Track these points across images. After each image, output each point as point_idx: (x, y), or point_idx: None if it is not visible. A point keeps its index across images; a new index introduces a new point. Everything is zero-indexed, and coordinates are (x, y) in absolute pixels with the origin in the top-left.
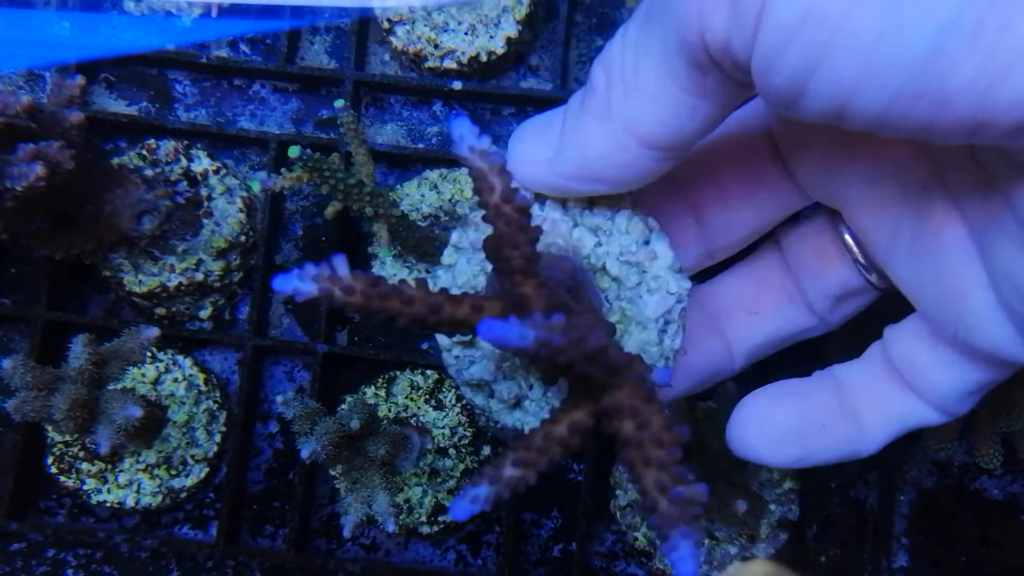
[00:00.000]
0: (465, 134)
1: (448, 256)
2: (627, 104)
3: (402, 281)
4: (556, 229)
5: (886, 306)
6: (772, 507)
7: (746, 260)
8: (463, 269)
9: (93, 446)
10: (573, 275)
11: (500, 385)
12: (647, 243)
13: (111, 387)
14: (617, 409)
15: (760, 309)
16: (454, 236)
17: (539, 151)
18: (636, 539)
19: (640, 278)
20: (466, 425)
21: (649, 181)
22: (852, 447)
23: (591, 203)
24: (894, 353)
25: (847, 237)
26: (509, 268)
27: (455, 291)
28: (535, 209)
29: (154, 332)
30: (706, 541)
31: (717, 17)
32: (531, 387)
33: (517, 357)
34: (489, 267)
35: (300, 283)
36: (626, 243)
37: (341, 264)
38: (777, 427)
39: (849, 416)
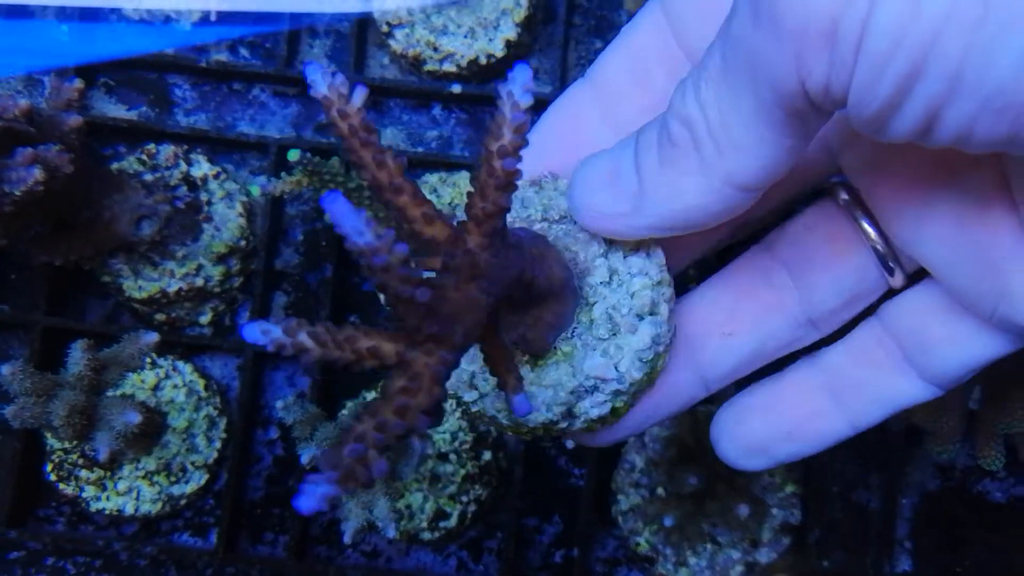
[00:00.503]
0: (318, 78)
1: None
2: (724, 159)
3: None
4: (574, 241)
5: None
6: (774, 511)
7: (719, 273)
8: None
9: (92, 453)
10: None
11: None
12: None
13: (110, 393)
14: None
15: (736, 328)
16: None
17: (614, 204)
18: (638, 544)
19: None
20: (467, 430)
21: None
22: (830, 438)
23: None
24: (897, 328)
25: (865, 224)
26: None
27: None
28: (545, 227)
29: (154, 338)
30: (708, 546)
31: (818, 64)
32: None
33: None
34: None
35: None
36: (631, 290)
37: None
38: (745, 440)
39: (828, 407)
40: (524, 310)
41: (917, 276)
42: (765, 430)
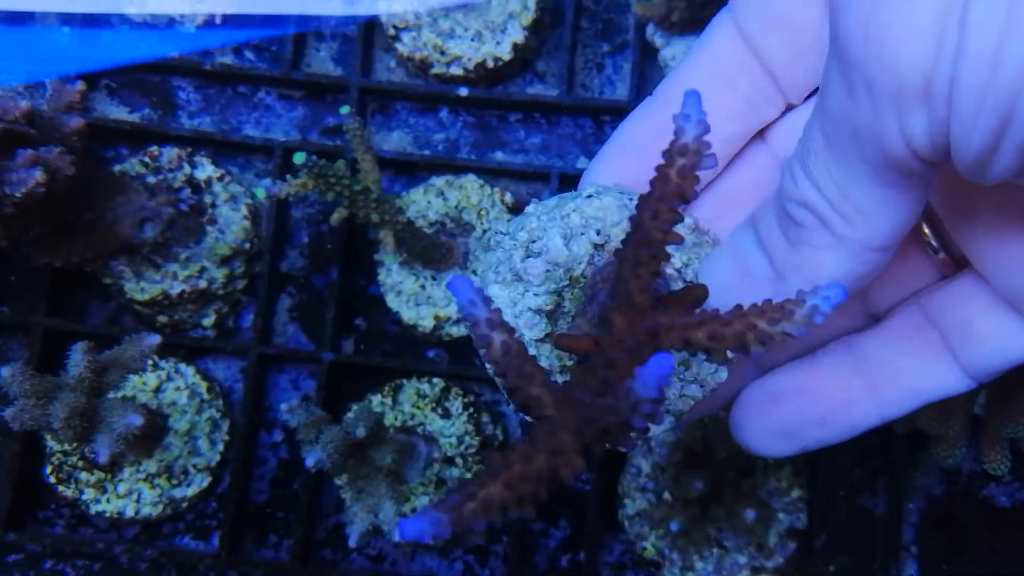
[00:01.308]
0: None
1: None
2: (856, 228)
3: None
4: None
5: None
6: (780, 516)
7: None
8: (501, 296)
9: (92, 455)
10: None
11: None
12: None
13: (111, 395)
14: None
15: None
16: (485, 258)
17: (751, 297)
18: (644, 549)
19: None
20: (473, 434)
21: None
22: (862, 426)
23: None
24: (941, 318)
25: (923, 227)
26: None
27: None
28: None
29: (155, 340)
30: (714, 551)
31: (918, 123)
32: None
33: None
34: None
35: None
36: None
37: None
38: (773, 428)
39: (861, 395)
40: None
41: (960, 263)
42: (798, 414)
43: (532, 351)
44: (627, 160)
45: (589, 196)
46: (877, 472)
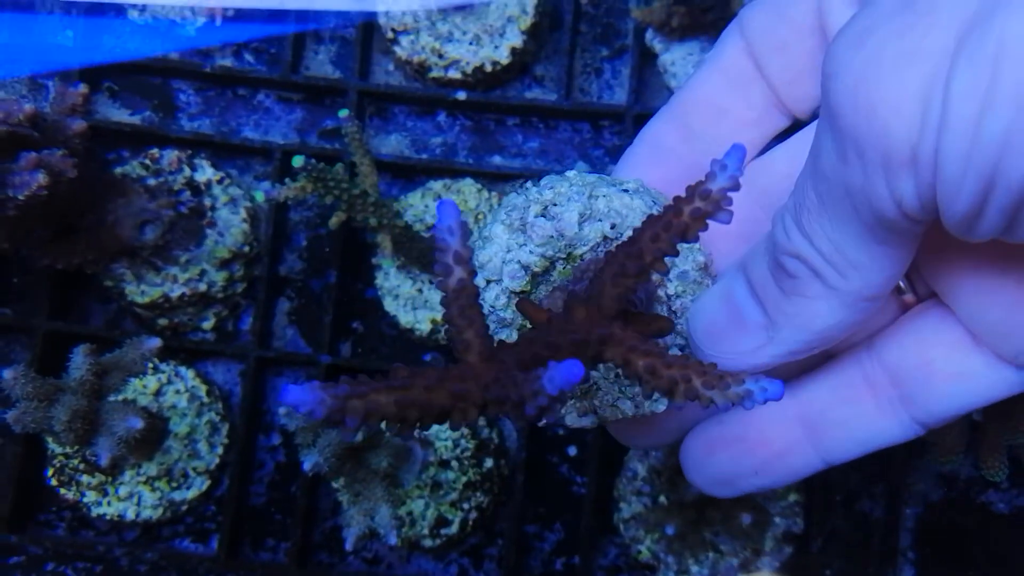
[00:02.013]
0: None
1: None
2: (849, 280)
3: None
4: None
5: None
6: (777, 520)
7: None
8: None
9: (93, 458)
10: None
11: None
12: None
13: (112, 398)
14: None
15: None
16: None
17: (748, 342)
18: (640, 552)
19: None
20: (468, 437)
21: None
22: (801, 473)
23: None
24: (896, 361)
25: None
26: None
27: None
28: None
29: (156, 343)
30: (710, 554)
31: (906, 188)
32: None
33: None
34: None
35: (305, 397)
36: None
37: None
38: (711, 472)
39: (801, 442)
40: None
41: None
42: (732, 466)
43: (503, 300)
44: (651, 164)
45: (625, 190)
46: (875, 477)
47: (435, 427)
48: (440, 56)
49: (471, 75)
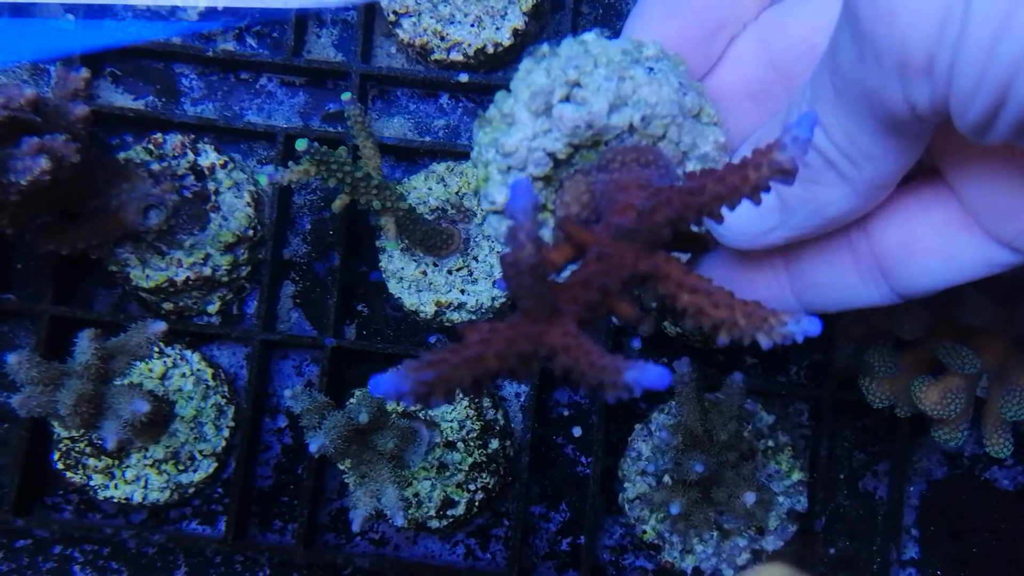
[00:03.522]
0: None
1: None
2: (862, 170)
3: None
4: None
5: None
6: (781, 499)
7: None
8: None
9: (100, 442)
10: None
11: None
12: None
13: (118, 382)
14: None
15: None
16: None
17: (762, 223)
18: (644, 532)
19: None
20: (474, 418)
21: None
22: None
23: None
24: (883, 237)
25: None
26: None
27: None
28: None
29: (161, 326)
30: (714, 533)
31: (920, 92)
32: None
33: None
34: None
35: (395, 386)
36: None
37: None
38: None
39: (787, 293)
40: None
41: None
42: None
43: (529, 183)
44: (666, 20)
45: (649, 69)
46: (878, 455)
47: (441, 409)
48: (442, 38)
49: (473, 57)
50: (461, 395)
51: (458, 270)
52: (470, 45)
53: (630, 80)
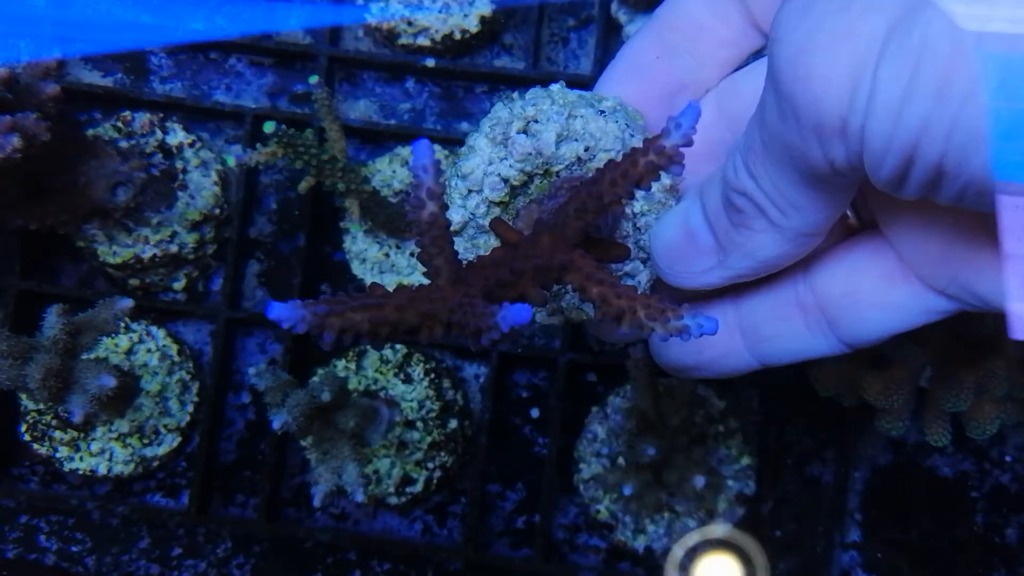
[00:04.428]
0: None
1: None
2: (790, 219)
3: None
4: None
5: None
6: (730, 483)
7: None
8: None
9: (66, 415)
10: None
11: None
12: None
13: (85, 357)
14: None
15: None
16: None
17: (699, 263)
18: (598, 512)
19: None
20: (434, 398)
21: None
22: (738, 371)
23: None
24: (826, 288)
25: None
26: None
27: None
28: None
29: (128, 303)
30: (665, 515)
31: (837, 150)
32: None
33: None
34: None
35: (288, 313)
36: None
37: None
38: (668, 362)
39: (740, 347)
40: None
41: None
42: (684, 360)
43: (483, 208)
44: (630, 80)
45: (602, 111)
46: (825, 442)
47: (401, 388)
48: (409, 23)
49: (440, 42)
50: (361, 340)
51: None
52: (437, 31)
53: (580, 118)
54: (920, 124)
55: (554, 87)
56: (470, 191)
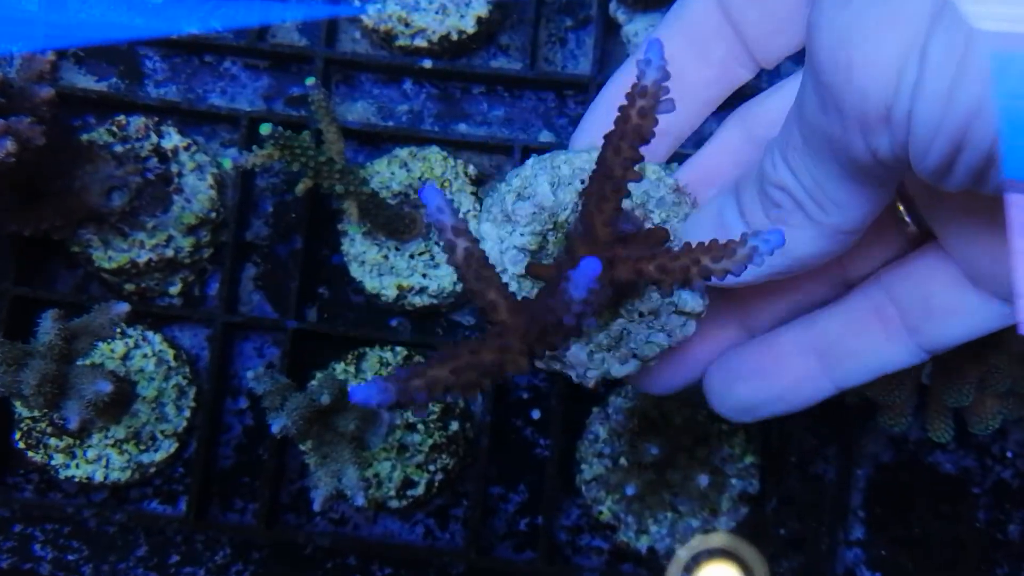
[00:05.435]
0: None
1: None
2: (829, 215)
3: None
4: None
5: None
6: (733, 481)
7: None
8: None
9: (62, 421)
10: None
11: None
12: None
13: (80, 363)
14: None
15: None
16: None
17: None
18: (600, 513)
19: None
20: (434, 402)
21: None
22: (815, 398)
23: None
24: (901, 295)
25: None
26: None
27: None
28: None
29: (124, 308)
30: (668, 515)
31: (880, 141)
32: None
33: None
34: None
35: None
36: None
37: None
38: (734, 401)
39: (816, 371)
40: None
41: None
42: (752, 396)
43: (514, 286)
44: (609, 126)
45: (580, 151)
46: (828, 440)
47: None
48: (406, 24)
49: (437, 44)
50: (451, 393)
51: (420, 254)
52: (434, 32)
53: (564, 163)
54: (972, 107)
55: (528, 161)
56: None
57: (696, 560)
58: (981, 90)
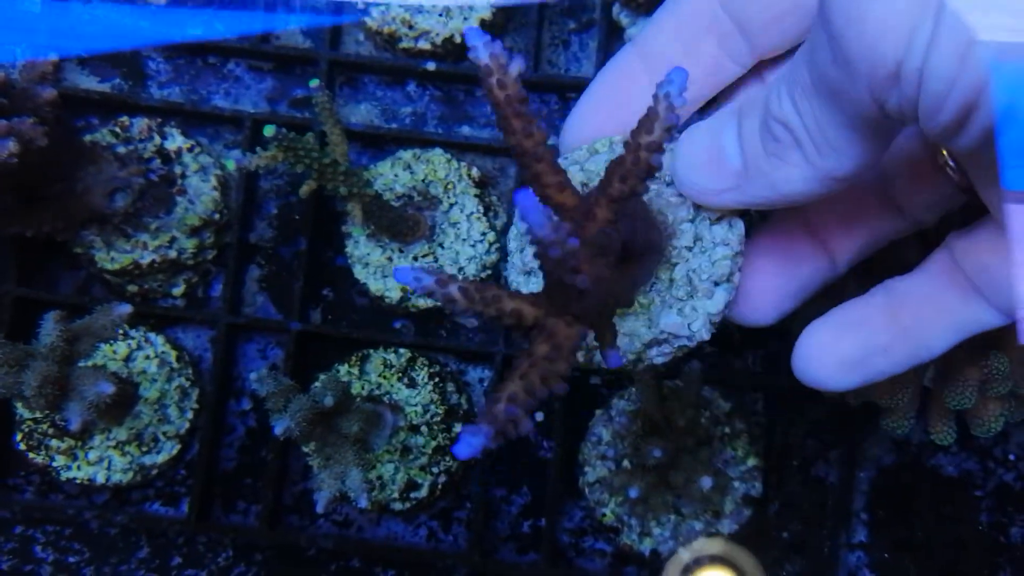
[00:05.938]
0: (479, 45)
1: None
2: (825, 158)
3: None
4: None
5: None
6: (736, 484)
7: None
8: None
9: (63, 423)
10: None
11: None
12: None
13: (82, 364)
14: None
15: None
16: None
17: (718, 182)
18: (604, 515)
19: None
20: (438, 403)
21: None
22: (914, 359)
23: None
24: (966, 263)
25: (949, 163)
26: (524, 152)
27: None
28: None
29: (126, 309)
30: (672, 517)
31: (889, 96)
32: None
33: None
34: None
35: (419, 278)
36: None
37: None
38: (841, 358)
39: (910, 331)
40: (618, 267)
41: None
42: (863, 343)
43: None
44: (602, 114)
45: (575, 163)
46: (830, 443)
47: (405, 393)
48: (410, 27)
49: (441, 46)
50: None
51: (424, 256)
52: (438, 34)
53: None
54: (990, 63)
55: None
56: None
57: (695, 564)
58: (998, 50)
